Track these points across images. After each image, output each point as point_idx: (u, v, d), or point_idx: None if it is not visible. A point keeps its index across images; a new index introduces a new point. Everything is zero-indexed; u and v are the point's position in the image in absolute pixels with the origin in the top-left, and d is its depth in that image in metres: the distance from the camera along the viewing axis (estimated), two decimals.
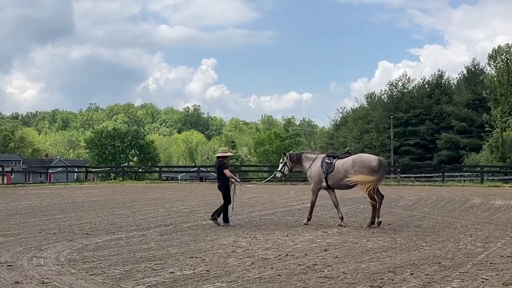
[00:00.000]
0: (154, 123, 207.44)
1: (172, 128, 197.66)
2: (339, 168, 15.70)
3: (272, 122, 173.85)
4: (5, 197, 26.79)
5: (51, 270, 9.17)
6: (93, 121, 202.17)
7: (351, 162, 15.59)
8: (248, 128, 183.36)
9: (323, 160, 16.14)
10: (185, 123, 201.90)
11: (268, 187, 36.80)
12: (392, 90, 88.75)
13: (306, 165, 16.60)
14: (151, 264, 9.70)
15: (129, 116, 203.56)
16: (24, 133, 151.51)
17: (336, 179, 15.83)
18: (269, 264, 9.74)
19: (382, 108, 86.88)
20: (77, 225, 15.51)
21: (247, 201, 18.69)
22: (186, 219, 17.10)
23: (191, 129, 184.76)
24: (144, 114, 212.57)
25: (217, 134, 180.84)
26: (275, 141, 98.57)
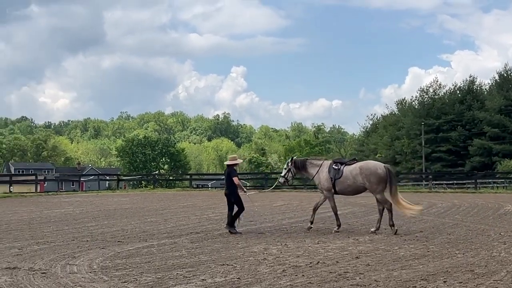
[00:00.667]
0: (184, 131, 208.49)
1: (202, 136, 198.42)
2: (347, 175, 15.90)
3: (302, 129, 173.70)
4: (39, 205, 27.13)
5: (84, 278, 9.27)
6: (124, 129, 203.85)
7: (358, 169, 15.84)
8: (277, 136, 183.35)
9: (330, 166, 16.27)
10: (215, 131, 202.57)
11: (299, 194, 36.77)
12: (423, 96, 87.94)
13: (312, 172, 16.68)
14: (182, 271, 9.75)
15: (159, 124, 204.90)
16: (57, 142, 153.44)
17: (344, 185, 16.03)
18: (300, 271, 9.72)
19: (413, 114, 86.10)
20: (109, 232, 15.65)
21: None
22: (217, 226, 17.14)
23: (221, 137, 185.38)
24: (174, 122, 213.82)
25: (247, 142, 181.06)
26: (305, 148, 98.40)
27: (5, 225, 17.81)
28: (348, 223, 17.82)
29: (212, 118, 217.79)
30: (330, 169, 16.16)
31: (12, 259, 11.06)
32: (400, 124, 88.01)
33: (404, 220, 18.80)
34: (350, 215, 20.66)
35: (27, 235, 14.99)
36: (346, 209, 23.43)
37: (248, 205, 17.22)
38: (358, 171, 15.78)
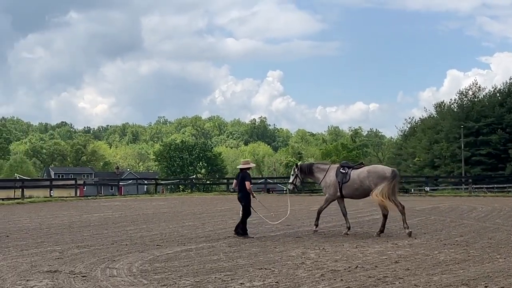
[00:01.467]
0: (221, 135, 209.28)
1: (239, 140, 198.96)
2: (355, 179, 16.13)
3: (339, 133, 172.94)
4: (79, 209, 27.48)
5: (124, 281, 9.35)
6: (161, 134, 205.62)
7: (366, 173, 16.10)
8: (314, 139, 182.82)
9: (337, 170, 16.45)
10: (252, 135, 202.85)
11: None
12: (462, 99, 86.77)
13: (319, 176, 16.88)
14: (221, 275, 9.77)
15: (196, 129, 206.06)
16: (96, 146, 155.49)
17: (351, 189, 16.26)
18: (339, 276, 9.66)
19: (452, 117, 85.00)
20: (148, 236, 15.78)
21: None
22: (255, 230, 17.13)
23: (257, 141, 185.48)
24: (211, 127, 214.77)
25: (283, 146, 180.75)
26: (342, 152, 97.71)
27: (46, 228, 18.09)
28: (387, 228, 17.62)
29: (249, 122, 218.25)
30: (338, 173, 16.38)
31: (53, 262, 11.22)
32: (439, 128, 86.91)
33: (444, 224, 18.61)
34: (388, 220, 20.42)
35: (67, 239, 15.20)
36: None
37: (262, 209, 17.60)
38: (366, 175, 16.04)
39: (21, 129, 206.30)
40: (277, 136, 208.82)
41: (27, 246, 13.70)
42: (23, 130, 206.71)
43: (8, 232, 16.91)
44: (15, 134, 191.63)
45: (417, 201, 32.50)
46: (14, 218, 22.45)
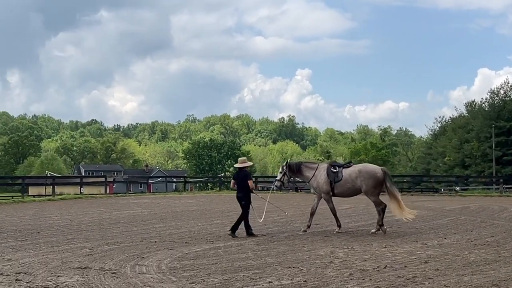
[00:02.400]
0: (249, 134, 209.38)
1: (267, 139, 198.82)
2: (347, 178, 16.31)
3: (368, 132, 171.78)
4: (108, 206, 27.73)
5: (153, 278, 9.42)
6: (190, 132, 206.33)
7: (358, 172, 16.36)
8: (343, 138, 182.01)
9: (328, 170, 16.56)
10: (280, 134, 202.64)
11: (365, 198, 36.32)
12: (493, 98, 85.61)
13: (308, 175, 16.92)
14: (249, 273, 9.79)
15: (225, 127, 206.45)
16: (125, 144, 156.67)
17: (344, 188, 16.42)
18: (368, 275, 9.62)
19: (483, 117, 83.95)
20: (176, 234, 15.87)
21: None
22: (283, 229, 17.16)
23: (286, 140, 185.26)
24: (239, 125, 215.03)
25: (312, 145, 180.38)
26: (371, 151, 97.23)
27: (77, 225, 18.30)
28: (416, 227, 17.54)
29: (277, 121, 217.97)
30: (329, 172, 16.48)
31: (83, 259, 11.34)
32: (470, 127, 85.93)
33: (474, 224, 18.41)
34: (418, 219, 20.27)
35: (97, 236, 15.35)
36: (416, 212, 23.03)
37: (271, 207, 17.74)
38: (358, 174, 16.27)
39: (52, 127, 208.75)
40: (305, 135, 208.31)
41: (58, 243, 13.87)
42: (54, 127, 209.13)
43: (39, 229, 17.14)
44: (46, 132, 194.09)
45: (447, 201, 32.21)
46: (45, 214, 22.75)
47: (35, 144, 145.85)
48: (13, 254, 12.00)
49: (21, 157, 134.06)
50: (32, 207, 27.67)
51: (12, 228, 17.42)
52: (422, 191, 49.97)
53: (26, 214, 22.77)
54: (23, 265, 10.62)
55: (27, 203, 31.23)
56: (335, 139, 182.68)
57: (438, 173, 78.12)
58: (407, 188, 51.34)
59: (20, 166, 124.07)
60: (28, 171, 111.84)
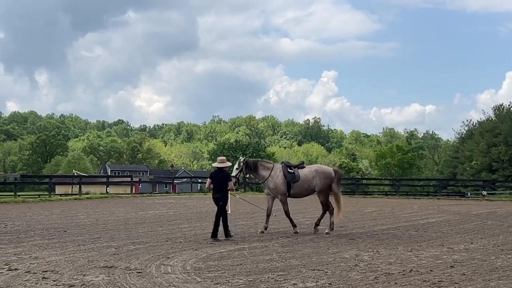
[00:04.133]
0: (275, 135, 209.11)
1: (292, 141, 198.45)
2: (304, 178, 16.47)
3: (394, 135, 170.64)
4: (134, 206, 27.91)
5: (178, 278, 9.46)
6: (216, 133, 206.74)
7: (314, 173, 16.59)
8: (369, 141, 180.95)
9: (285, 170, 16.57)
10: (305, 136, 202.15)
11: (390, 200, 36.20)
12: None
13: (264, 174, 16.86)
14: (274, 275, 9.78)
15: (250, 128, 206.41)
16: (151, 144, 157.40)
17: (301, 188, 16.59)
18: (393, 279, 9.56)
19: (511, 120, 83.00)
20: (201, 234, 15.93)
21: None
22: (308, 231, 17.12)
23: (311, 142, 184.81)
24: (265, 127, 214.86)
25: (337, 147, 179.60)
26: (397, 154, 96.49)
27: (103, 224, 18.44)
28: (442, 231, 17.40)
29: (303, 123, 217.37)
30: (285, 173, 16.51)
31: (109, 258, 11.43)
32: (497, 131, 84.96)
33: (501, 229, 18.23)
34: (444, 223, 20.15)
35: (123, 235, 15.46)
36: (440, 217, 22.91)
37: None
38: (314, 174, 16.55)
39: (79, 127, 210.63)
40: (331, 137, 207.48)
41: (84, 242, 13.99)
42: (81, 127, 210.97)
43: (66, 227, 17.31)
44: (73, 131, 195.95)
45: (474, 205, 31.91)
46: (72, 213, 22.96)
47: (62, 143, 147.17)
48: (40, 252, 12.13)
49: (48, 156, 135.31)
50: (59, 206, 27.95)
51: (39, 226, 17.61)
52: (449, 195, 49.49)
53: (53, 213, 23.01)
54: (49, 263, 10.72)
55: (54, 202, 31.55)
56: (360, 142, 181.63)
57: (465, 177, 77.32)
58: (433, 192, 50.93)
59: (47, 165, 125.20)
60: (55, 170, 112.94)
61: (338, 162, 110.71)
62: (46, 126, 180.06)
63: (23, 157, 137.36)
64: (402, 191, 47.86)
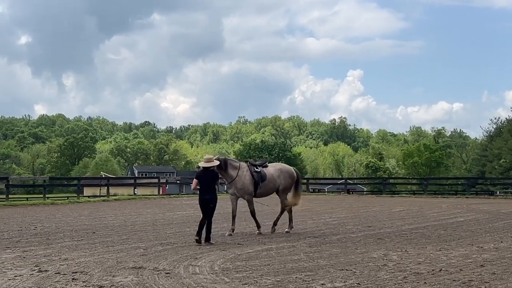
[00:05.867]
0: (300, 135, 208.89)
1: (318, 140, 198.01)
2: (271, 177, 16.33)
3: (421, 134, 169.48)
4: (162, 207, 28.04)
5: (206, 279, 9.47)
6: (242, 133, 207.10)
7: (279, 171, 16.65)
8: (395, 140, 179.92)
9: (251, 169, 16.27)
10: (332, 135, 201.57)
11: (418, 199, 35.93)
12: None
13: (232, 174, 16.21)
14: (302, 275, 9.76)
15: (276, 129, 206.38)
16: (178, 146, 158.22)
17: (267, 188, 16.44)
18: (422, 279, 9.48)
19: None
20: (226, 234, 15.93)
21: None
22: (335, 231, 17.05)
23: (337, 141, 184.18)
24: (291, 127, 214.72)
25: (363, 146, 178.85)
26: (424, 153, 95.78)
27: (131, 226, 18.56)
28: (471, 230, 17.22)
29: (329, 123, 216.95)
30: (252, 172, 16.22)
31: (137, 259, 11.49)
32: None
33: None
34: (473, 222, 19.94)
35: (151, 236, 15.54)
36: (469, 216, 22.68)
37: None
38: (279, 173, 16.50)
39: (107, 129, 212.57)
40: (357, 137, 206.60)
41: (113, 243, 14.09)
42: (108, 129, 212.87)
43: (94, 229, 17.45)
44: (100, 133, 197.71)
45: (502, 203, 31.52)
46: (100, 215, 23.15)
47: (90, 145, 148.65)
48: (69, 253, 12.23)
49: (76, 158, 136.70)
50: (87, 207, 28.19)
51: (68, 228, 17.78)
52: (477, 194, 49.02)
53: (81, 215, 23.21)
54: (79, 264, 10.81)
55: (83, 203, 31.83)
56: (387, 141, 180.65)
57: (493, 175, 76.48)
58: (461, 191, 50.50)
59: (76, 167, 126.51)
60: (83, 172, 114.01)
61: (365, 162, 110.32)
62: (74, 128, 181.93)
63: (52, 160, 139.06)
64: (430, 190, 47.46)
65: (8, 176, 46.56)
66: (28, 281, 9.19)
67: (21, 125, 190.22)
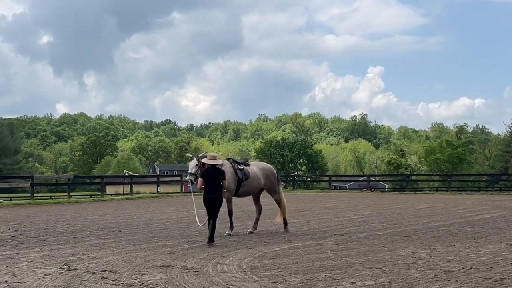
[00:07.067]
0: (321, 132, 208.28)
1: (339, 137, 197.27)
2: (254, 176, 16.04)
3: (442, 130, 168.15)
4: (185, 205, 28.07)
5: (235, 277, 9.45)
6: (262, 131, 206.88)
7: (262, 170, 16.48)
8: (417, 136, 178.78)
9: (233, 166, 15.93)
10: (352, 132, 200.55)
11: (443, 196, 35.65)
12: None
13: None
14: (331, 273, 9.70)
15: (296, 126, 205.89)
16: (199, 143, 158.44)
17: (250, 186, 16.13)
18: (453, 277, 9.38)
19: None
20: (255, 233, 15.93)
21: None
22: (361, 228, 16.96)
23: (358, 138, 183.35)
24: (311, 124, 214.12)
25: (385, 143, 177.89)
26: (446, 149, 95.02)
27: (156, 224, 18.62)
28: (499, 227, 17.04)
29: (349, 119, 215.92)
30: (236, 169, 15.86)
31: (165, 257, 11.50)
32: None
33: None
34: (500, 219, 19.74)
35: (177, 234, 15.58)
36: (495, 212, 22.46)
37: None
38: (262, 172, 16.32)
39: (128, 127, 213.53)
40: (378, 133, 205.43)
41: (139, 241, 14.13)
42: (130, 128, 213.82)
43: (120, 227, 17.53)
44: (122, 132, 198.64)
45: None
46: (125, 213, 23.25)
47: (112, 144, 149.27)
48: (97, 252, 12.29)
49: (98, 156, 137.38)
50: (111, 205, 28.35)
51: (94, 226, 17.87)
52: (501, 190, 48.51)
53: (106, 213, 23.33)
54: (107, 263, 10.85)
55: (107, 201, 32.01)
56: (408, 137, 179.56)
57: None
58: (485, 187, 50.05)
59: (98, 165, 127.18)
60: (105, 171, 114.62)
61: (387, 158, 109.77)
62: (95, 127, 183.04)
63: (74, 158, 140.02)
64: (453, 186, 47.09)
65: (33, 175, 46.97)
66: (58, 280, 9.24)
67: (44, 124, 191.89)
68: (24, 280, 9.22)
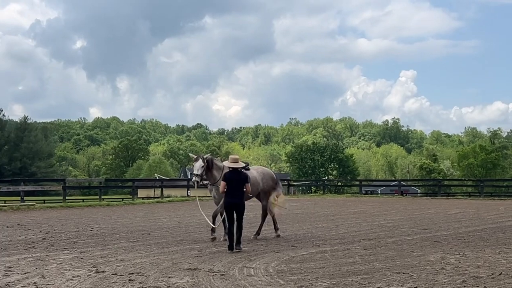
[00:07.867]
0: (352, 137, 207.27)
1: (371, 142, 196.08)
2: (254, 180, 15.57)
3: (476, 135, 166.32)
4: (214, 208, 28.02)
5: (261, 281, 9.45)
6: (293, 135, 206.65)
7: (262, 174, 16.20)
8: (450, 141, 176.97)
9: None
10: (384, 137, 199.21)
11: (475, 202, 35.20)
12: None
13: (216, 175, 15.25)
14: (357, 278, 9.65)
15: (328, 130, 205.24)
16: (230, 147, 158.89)
17: (251, 190, 15.15)
18: (482, 283, 9.26)
19: None
20: (282, 237, 15.92)
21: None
22: (390, 233, 16.82)
23: (390, 143, 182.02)
24: (342, 128, 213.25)
25: (417, 148, 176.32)
26: (480, 154, 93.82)
27: (185, 227, 18.70)
28: None
29: (381, 124, 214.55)
30: None
31: (192, 260, 11.55)
32: None
33: None
34: None
35: (205, 238, 15.67)
36: None
37: None
38: (262, 176, 16.07)
39: (160, 131, 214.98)
40: (410, 138, 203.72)
41: (168, 244, 14.21)
42: (161, 132, 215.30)
43: (149, 230, 17.65)
44: (154, 136, 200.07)
45: None
46: (155, 216, 23.40)
47: (144, 147, 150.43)
48: (125, 254, 12.38)
49: (130, 160, 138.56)
50: (142, 209, 28.54)
51: (124, 229, 18.02)
52: None
53: (136, 216, 23.50)
54: (135, 265, 10.93)
55: (137, 205, 32.23)
56: (441, 142, 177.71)
57: None
58: None
59: (130, 169, 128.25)
60: (136, 174, 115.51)
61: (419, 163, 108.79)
62: (128, 131, 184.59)
63: (107, 162, 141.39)
64: (486, 192, 46.46)
65: (65, 178, 47.54)
66: (85, 282, 9.33)
67: (77, 128, 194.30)
68: (52, 282, 9.33)
